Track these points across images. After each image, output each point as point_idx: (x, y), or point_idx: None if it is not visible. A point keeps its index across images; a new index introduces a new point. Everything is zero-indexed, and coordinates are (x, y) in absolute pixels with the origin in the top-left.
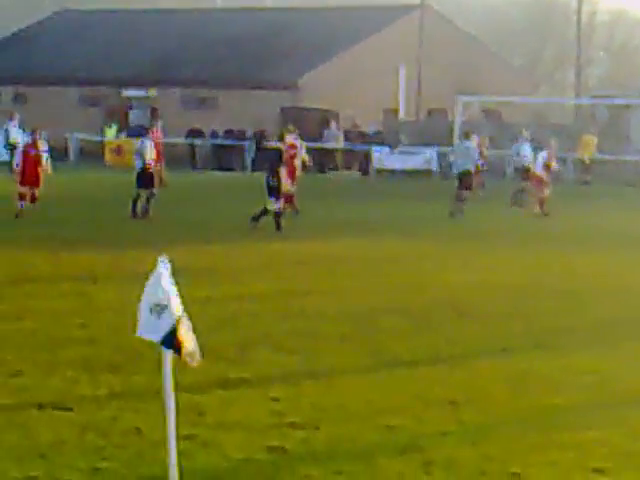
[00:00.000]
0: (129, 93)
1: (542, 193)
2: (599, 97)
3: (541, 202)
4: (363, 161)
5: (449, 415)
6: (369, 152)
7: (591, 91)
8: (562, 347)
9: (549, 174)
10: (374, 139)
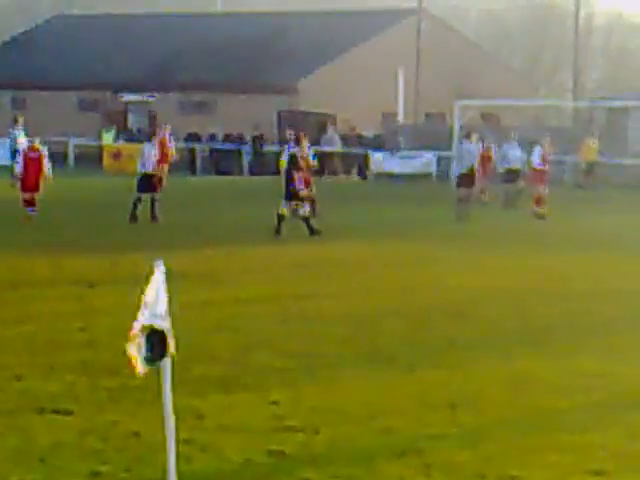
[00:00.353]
0: (127, 97)
1: (540, 190)
2: (597, 99)
3: (538, 200)
4: (362, 165)
5: (448, 418)
6: (368, 156)
7: (589, 94)
8: (561, 350)
9: (548, 166)
10: (373, 143)
